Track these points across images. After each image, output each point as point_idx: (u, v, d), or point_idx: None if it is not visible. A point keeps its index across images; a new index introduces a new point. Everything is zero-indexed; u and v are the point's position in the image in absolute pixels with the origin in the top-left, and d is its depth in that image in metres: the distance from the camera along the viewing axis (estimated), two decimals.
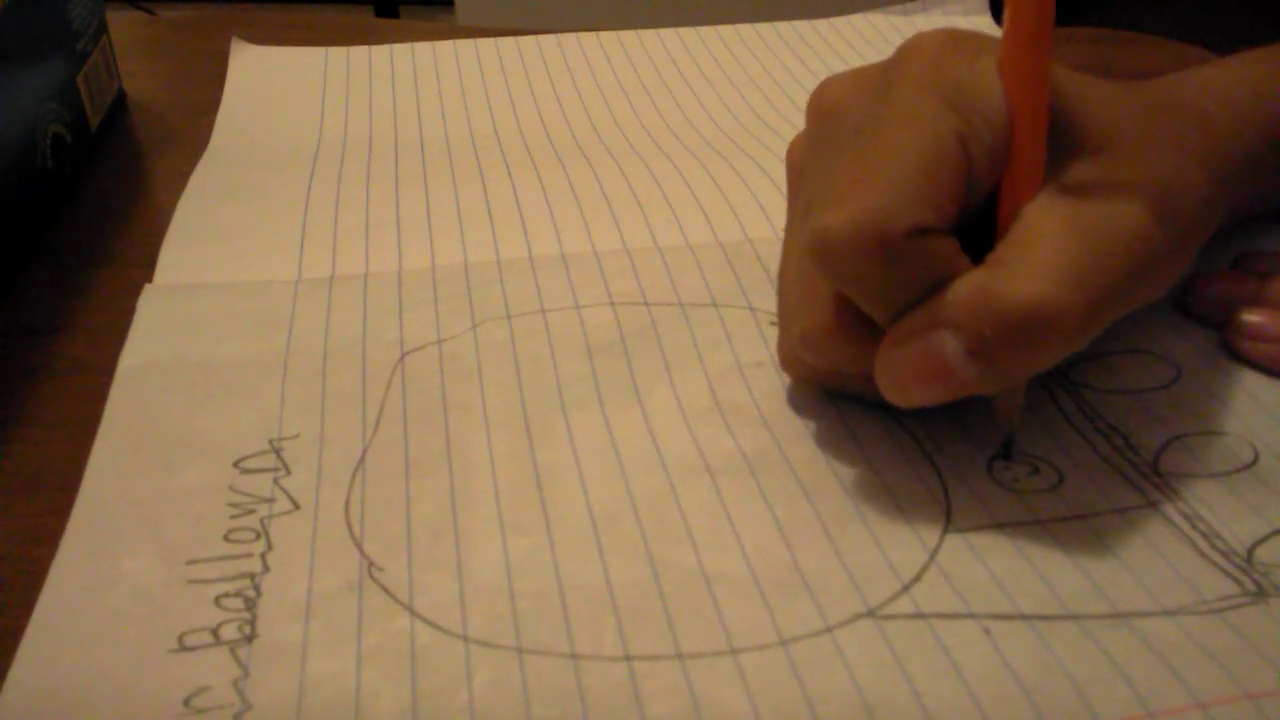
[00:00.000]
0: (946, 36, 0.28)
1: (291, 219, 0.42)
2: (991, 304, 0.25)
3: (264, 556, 0.27)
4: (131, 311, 0.36)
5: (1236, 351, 0.34)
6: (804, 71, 0.55)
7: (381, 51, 0.58)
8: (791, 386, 0.33)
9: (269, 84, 0.54)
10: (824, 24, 0.61)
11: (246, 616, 0.26)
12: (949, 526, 0.28)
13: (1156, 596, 0.26)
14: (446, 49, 0.58)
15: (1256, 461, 0.30)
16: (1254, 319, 0.33)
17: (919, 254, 0.26)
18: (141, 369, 0.34)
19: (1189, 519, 0.28)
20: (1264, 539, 0.28)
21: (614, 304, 0.37)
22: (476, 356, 0.34)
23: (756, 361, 0.34)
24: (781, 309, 0.32)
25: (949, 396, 0.27)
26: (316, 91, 0.53)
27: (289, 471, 0.30)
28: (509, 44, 0.59)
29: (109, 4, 0.52)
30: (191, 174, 0.45)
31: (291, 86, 0.54)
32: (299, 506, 0.29)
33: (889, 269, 0.26)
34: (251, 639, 0.25)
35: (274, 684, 0.24)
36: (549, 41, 0.59)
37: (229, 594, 0.26)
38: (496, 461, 0.30)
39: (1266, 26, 0.38)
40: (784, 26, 0.61)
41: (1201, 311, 0.35)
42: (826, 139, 0.30)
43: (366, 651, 0.25)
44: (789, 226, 0.33)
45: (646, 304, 0.37)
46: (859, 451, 0.30)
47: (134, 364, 0.34)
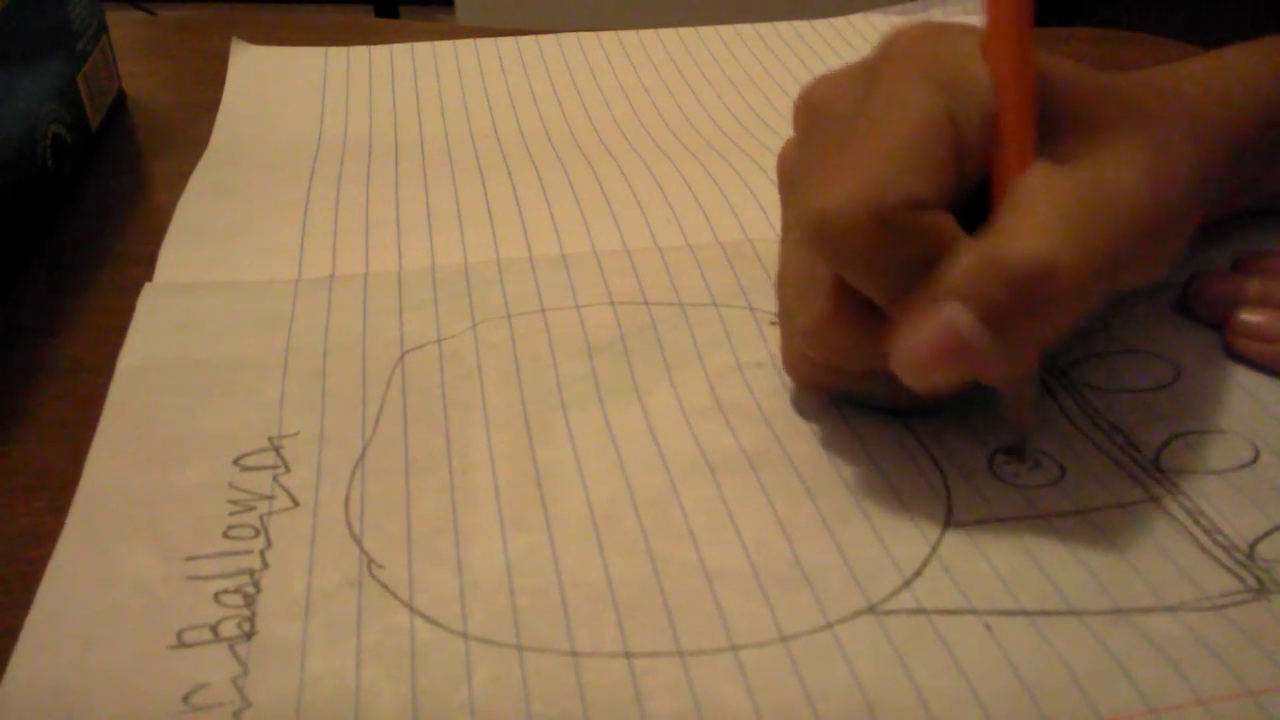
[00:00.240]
0: (928, 26, 0.29)
1: (291, 219, 0.42)
2: (998, 267, 0.25)
3: (263, 553, 0.27)
4: (131, 311, 0.36)
5: (1236, 351, 0.34)
6: (804, 71, 0.55)
7: (381, 51, 0.58)
8: (793, 386, 0.33)
9: (269, 84, 0.54)
10: (824, 24, 0.61)
11: (246, 613, 0.26)
12: (950, 521, 0.28)
13: (1158, 592, 0.26)
14: (446, 49, 0.58)
15: (1257, 459, 0.30)
16: (1254, 319, 0.33)
17: (916, 228, 0.26)
18: (141, 368, 0.34)
19: (1191, 514, 0.28)
20: (1266, 535, 0.28)
21: (614, 304, 0.37)
22: (476, 355, 0.34)
23: (756, 361, 0.34)
24: (782, 311, 0.32)
25: (968, 373, 0.27)
26: (316, 91, 0.53)
27: (289, 469, 0.30)
28: (509, 44, 0.59)
29: (109, 4, 0.52)
30: (191, 174, 0.45)
31: (291, 87, 0.54)
32: (299, 503, 0.29)
33: (888, 245, 0.26)
34: (251, 636, 0.25)
35: (273, 681, 0.24)
36: (549, 41, 0.59)
37: (228, 591, 0.26)
38: (496, 459, 0.30)
39: (1268, 27, 0.38)
40: (784, 26, 0.61)
41: (1201, 311, 0.35)
42: (816, 135, 0.30)
43: (366, 648, 0.25)
44: (784, 232, 0.33)
45: (646, 304, 0.37)
46: (860, 447, 0.30)
47: (134, 363, 0.34)
